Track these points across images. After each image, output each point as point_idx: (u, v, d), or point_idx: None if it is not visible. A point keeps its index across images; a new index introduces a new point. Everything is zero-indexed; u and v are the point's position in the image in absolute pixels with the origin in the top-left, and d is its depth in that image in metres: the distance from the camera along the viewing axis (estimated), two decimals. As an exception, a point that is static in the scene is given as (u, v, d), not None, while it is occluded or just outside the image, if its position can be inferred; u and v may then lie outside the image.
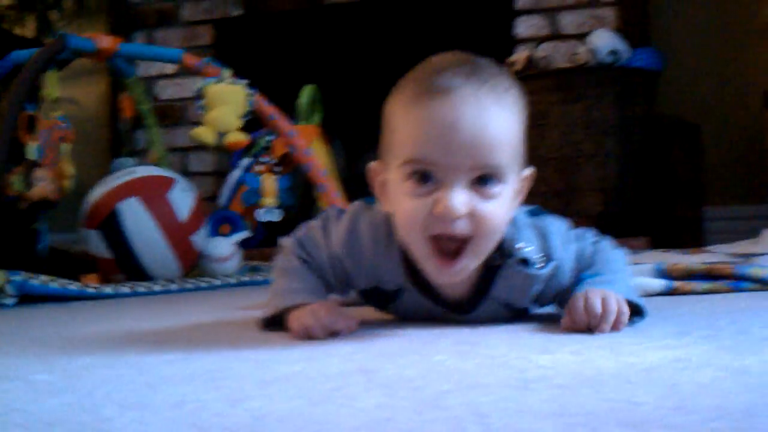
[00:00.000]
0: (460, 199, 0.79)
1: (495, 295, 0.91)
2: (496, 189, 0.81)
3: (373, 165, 0.90)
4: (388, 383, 0.62)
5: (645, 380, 0.59)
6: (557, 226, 0.93)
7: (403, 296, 0.94)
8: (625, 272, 0.93)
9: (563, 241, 0.91)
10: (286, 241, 0.99)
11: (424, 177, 0.81)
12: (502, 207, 0.83)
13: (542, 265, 0.89)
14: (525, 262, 0.89)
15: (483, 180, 0.81)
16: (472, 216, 0.80)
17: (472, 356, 0.72)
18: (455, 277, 0.85)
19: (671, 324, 0.88)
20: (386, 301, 0.97)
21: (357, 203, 0.96)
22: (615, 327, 0.82)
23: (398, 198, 0.84)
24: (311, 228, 0.97)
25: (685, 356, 0.68)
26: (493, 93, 0.82)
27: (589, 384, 0.58)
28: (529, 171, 0.89)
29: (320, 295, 0.94)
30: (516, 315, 0.95)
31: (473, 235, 0.81)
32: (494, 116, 0.81)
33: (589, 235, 0.95)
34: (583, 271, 0.91)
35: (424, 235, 0.82)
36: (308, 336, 0.87)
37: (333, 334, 0.88)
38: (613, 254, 0.94)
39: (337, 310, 0.90)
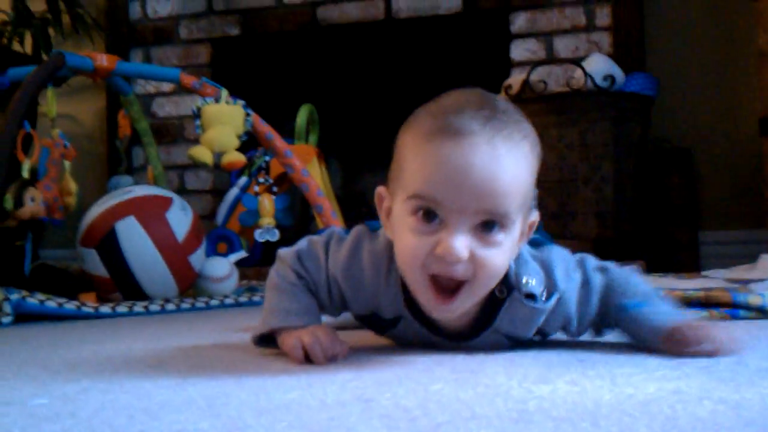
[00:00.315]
0: (461, 243, 0.79)
1: (498, 327, 0.91)
2: (499, 236, 0.81)
3: (380, 190, 0.90)
4: (387, 413, 0.62)
5: (643, 413, 0.59)
6: (560, 257, 0.93)
7: (401, 324, 0.94)
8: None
9: (566, 272, 0.91)
10: (285, 253, 0.97)
11: (429, 215, 0.81)
12: (503, 254, 0.83)
13: (546, 298, 0.90)
14: (530, 296, 0.89)
15: (487, 226, 0.80)
16: (473, 260, 0.80)
17: (470, 385, 0.72)
18: (450, 314, 0.85)
19: (668, 355, 0.88)
20: (384, 327, 0.97)
21: (360, 228, 0.96)
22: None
23: (401, 231, 0.84)
24: (313, 243, 0.96)
25: (683, 388, 0.68)
26: (509, 141, 0.81)
27: (587, 417, 0.58)
28: (535, 215, 0.89)
29: (314, 317, 0.94)
30: (516, 344, 0.95)
31: (472, 279, 0.82)
32: (506, 165, 0.80)
33: (593, 261, 0.95)
34: (616, 298, 0.91)
35: (423, 271, 0.82)
36: (305, 357, 0.87)
37: (331, 359, 0.88)
38: (636, 279, 0.95)
39: (334, 334, 0.90)
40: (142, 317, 1.64)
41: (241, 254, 2.12)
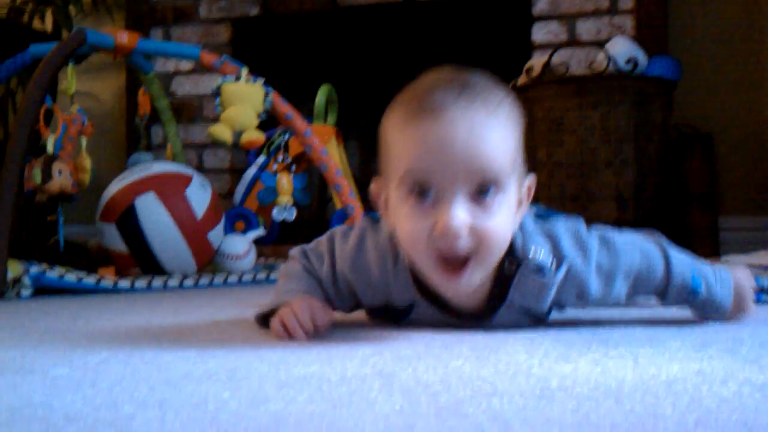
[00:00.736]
0: (460, 216, 0.79)
1: (511, 302, 0.91)
2: (496, 200, 0.81)
3: (373, 186, 0.91)
4: (407, 388, 0.61)
5: (667, 393, 0.59)
6: (567, 227, 0.92)
7: (415, 311, 0.94)
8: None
9: (575, 242, 0.91)
10: (294, 251, 1.01)
11: (422, 192, 0.80)
12: (504, 219, 0.82)
13: (555, 268, 0.89)
14: (539, 268, 0.88)
15: (482, 192, 0.80)
16: (474, 232, 0.80)
17: (491, 363, 0.72)
18: (463, 289, 0.85)
19: (690, 335, 0.87)
20: (399, 317, 0.97)
21: (363, 220, 0.97)
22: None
23: (399, 217, 0.84)
24: (319, 242, 1.00)
25: (707, 369, 0.68)
26: (484, 108, 0.81)
27: (611, 395, 0.58)
28: (531, 179, 0.88)
29: (314, 295, 0.95)
30: (535, 321, 0.95)
31: (476, 251, 0.81)
32: (487, 130, 0.80)
33: (606, 235, 0.94)
34: (666, 288, 0.93)
35: (428, 251, 0.82)
36: (286, 336, 0.88)
37: (313, 332, 0.88)
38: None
39: (316, 307, 0.90)
40: (160, 292, 1.65)
41: (259, 232, 2.12)
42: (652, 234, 0.97)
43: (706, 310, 0.96)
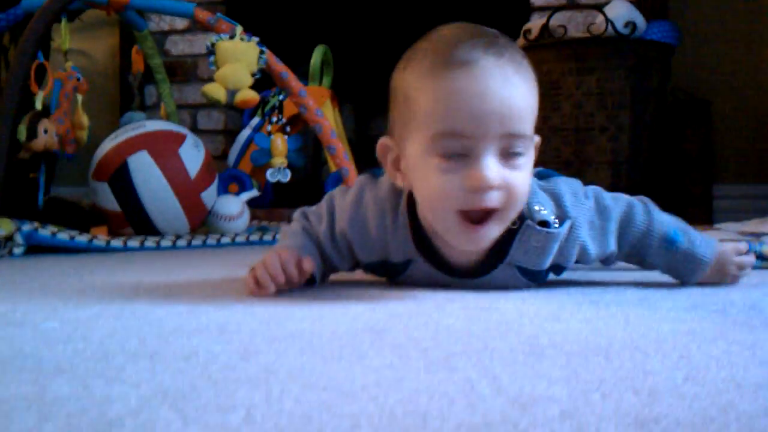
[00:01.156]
0: (494, 170, 0.79)
1: (512, 259, 0.90)
2: (521, 159, 0.82)
3: (383, 141, 0.89)
4: (398, 344, 0.62)
5: (656, 350, 0.59)
6: (567, 185, 0.93)
7: (411, 268, 0.94)
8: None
9: (575, 199, 0.92)
10: (296, 213, 1.01)
11: (454, 150, 0.80)
12: (526, 176, 0.84)
13: (558, 224, 0.89)
14: (544, 223, 0.88)
15: (510, 148, 0.81)
16: (502, 186, 0.80)
17: (482, 320, 0.72)
18: (480, 244, 0.85)
19: (682, 297, 0.88)
20: (395, 273, 0.97)
21: (363, 177, 0.97)
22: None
23: (424, 174, 0.82)
24: (319, 205, 0.99)
25: (697, 329, 0.68)
26: (512, 63, 0.82)
27: (600, 352, 0.58)
28: (537, 139, 0.89)
29: (306, 250, 0.94)
30: (530, 281, 0.95)
31: (502, 205, 0.82)
32: (517, 85, 0.81)
33: (606, 193, 0.95)
34: (645, 236, 0.93)
35: (454, 209, 0.82)
36: (256, 290, 0.88)
37: (287, 284, 0.89)
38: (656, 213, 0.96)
39: (291, 259, 0.90)
40: (153, 252, 1.65)
41: (253, 193, 2.11)
42: (642, 198, 0.97)
43: (687, 265, 0.94)
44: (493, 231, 0.84)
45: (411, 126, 0.83)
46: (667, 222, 0.94)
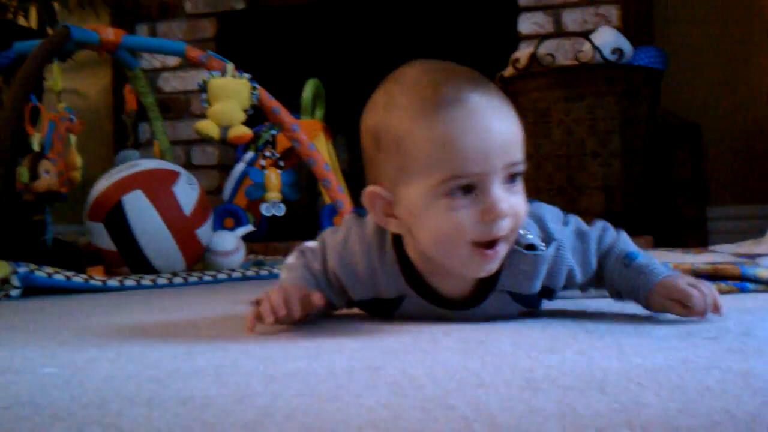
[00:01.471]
0: (504, 201, 0.81)
1: (502, 285, 0.91)
2: (520, 183, 0.84)
3: (372, 190, 0.87)
4: (394, 381, 0.62)
5: (651, 381, 0.59)
6: (548, 210, 0.95)
7: (405, 303, 0.95)
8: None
9: (558, 223, 0.94)
10: (294, 251, 1.02)
11: (461, 188, 0.81)
12: (524, 199, 0.86)
13: (544, 247, 0.90)
14: (530, 246, 0.89)
15: (511, 178, 0.83)
16: (511, 214, 0.82)
17: (477, 354, 0.73)
18: (493, 267, 0.86)
19: (676, 324, 0.88)
20: (388, 309, 0.97)
21: (349, 216, 0.98)
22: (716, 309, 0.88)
23: (431, 215, 0.83)
24: (314, 244, 1.01)
25: (691, 357, 0.68)
26: (495, 94, 0.84)
27: (595, 385, 0.58)
28: None
29: (306, 284, 0.95)
30: (523, 306, 0.96)
31: (510, 231, 0.84)
32: (507, 115, 0.83)
33: (577, 219, 0.97)
34: (608, 253, 0.94)
35: (466, 241, 0.83)
36: (254, 322, 0.89)
37: (288, 318, 0.89)
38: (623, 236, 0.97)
39: (295, 294, 0.90)
40: (149, 290, 1.65)
41: (248, 228, 2.12)
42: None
43: (640, 276, 0.91)
44: (501, 255, 0.85)
45: (408, 171, 0.83)
46: (631, 244, 0.96)
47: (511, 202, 0.82)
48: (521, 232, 0.89)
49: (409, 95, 0.83)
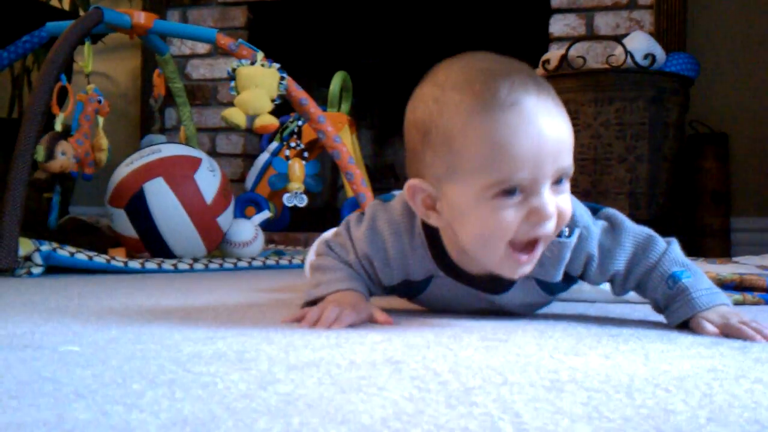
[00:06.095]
0: (552, 203, 0.80)
1: (529, 271, 0.90)
2: (566, 185, 0.83)
3: (415, 184, 0.86)
4: (417, 375, 0.61)
5: (679, 388, 0.58)
6: (573, 199, 0.92)
7: (433, 284, 0.95)
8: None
9: (582, 211, 0.93)
10: (318, 248, 1.01)
11: (511, 190, 0.80)
12: (570, 199, 0.85)
13: (569, 233, 0.90)
14: (557, 234, 0.88)
15: (559, 180, 0.82)
16: (557, 215, 0.82)
17: (500, 353, 0.72)
18: (527, 272, 0.85)
19: (701, 334, 0.86)
20: (416, 291, 0.98)
21: (373, 203, 0.98)
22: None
23: (477, 214, 0.81)
24: (336, 234, 1.00)
25: (719, 366, 0.67)
26: (549, 95, 0.81)
27: (621, 389, 0.57)
28: None
29: (359, 282, 0.95)
30: (548, 294, 0.96)
31: (553, 232, 0.83)
32: (560, 119, 0.81)
33: (617, 217, 0.95)
34: (652, 270, 0.91)
35: (505, 240, 0.82)
36: (313, 325, 0.87)
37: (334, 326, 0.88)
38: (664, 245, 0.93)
39: (351, 305, 0.90)
40: (170, 275, 1.65)
41: (265, 214, 2.11)
42: (669, 239, 0.96)
43: (677, 300, 0.89)
44: (538, 254, 0.84)
45: (457, 170, 0.81)
46: (678, 260, 0.91)
47: (558, 203, 0.82)
48: None
49: (463, 92, 0.80)
